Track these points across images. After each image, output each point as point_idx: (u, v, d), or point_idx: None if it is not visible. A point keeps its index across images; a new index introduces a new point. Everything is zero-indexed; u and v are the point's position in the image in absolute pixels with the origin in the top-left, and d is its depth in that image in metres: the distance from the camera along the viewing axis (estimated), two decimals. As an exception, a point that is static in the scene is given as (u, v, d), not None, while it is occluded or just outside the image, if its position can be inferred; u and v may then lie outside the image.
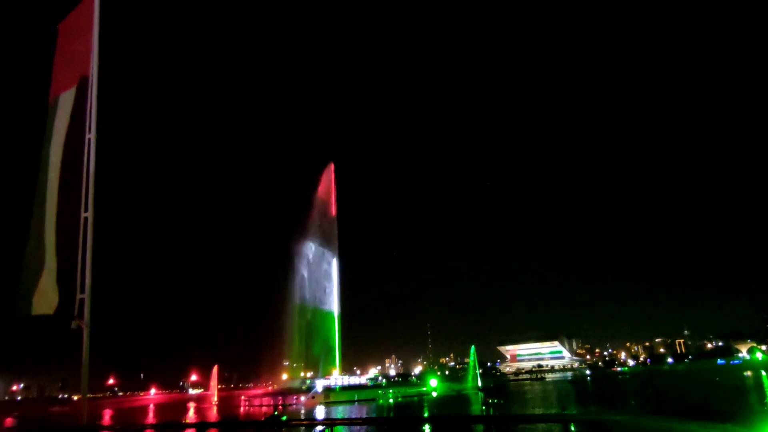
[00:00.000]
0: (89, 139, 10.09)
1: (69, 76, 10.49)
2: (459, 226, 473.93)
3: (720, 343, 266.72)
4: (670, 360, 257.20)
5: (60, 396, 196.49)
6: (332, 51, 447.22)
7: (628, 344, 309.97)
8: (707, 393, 67.06)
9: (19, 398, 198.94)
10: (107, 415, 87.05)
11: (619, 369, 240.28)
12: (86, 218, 9.73)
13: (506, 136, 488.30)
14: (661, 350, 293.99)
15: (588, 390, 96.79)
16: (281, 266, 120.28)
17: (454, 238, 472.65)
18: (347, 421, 24.77)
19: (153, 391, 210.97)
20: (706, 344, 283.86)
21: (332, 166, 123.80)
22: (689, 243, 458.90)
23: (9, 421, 77.86)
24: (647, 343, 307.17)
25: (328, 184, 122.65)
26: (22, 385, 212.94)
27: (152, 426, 22.90)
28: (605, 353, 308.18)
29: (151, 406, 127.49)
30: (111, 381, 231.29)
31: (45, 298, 9.40)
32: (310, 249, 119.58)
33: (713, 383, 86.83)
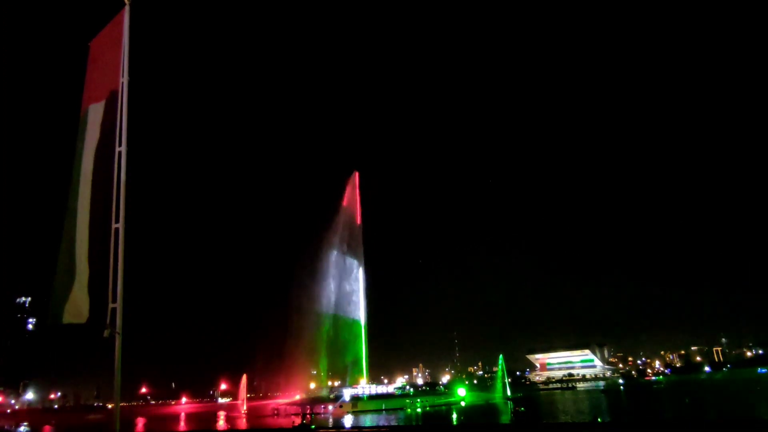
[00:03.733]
0: (120, 152, 10.35)
1: (99, 91, 10.85)
2: (487, 233, 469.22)
3: (760, 351, 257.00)
4: (707, 368, 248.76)
5: (95, 404, 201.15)
6: (357, 62, 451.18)
7: (662, 352, 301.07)
8: (750, 402, 64.64)
9: (56, 406, 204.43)
10: (140, 423, 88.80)
11: (653, 378, 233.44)
12: (117, 229, 9.97)
13: (534, 144, 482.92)
14: (698, 358, 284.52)
15: (622, 400, 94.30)
16: (308, 275, 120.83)
17: (481, 245, 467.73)
18: (375, 429, 24.71)
19: (184, 399, 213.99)
20: (745, 352, 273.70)
21: (356, 175, 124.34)
22: (725, 247, 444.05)
23: (47, 429, 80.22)
24: (682, 352, 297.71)
25: (352, 192, 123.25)
26: (59, 394, 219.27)
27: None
28: (639, 362, 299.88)
29: (183, 414, 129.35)
30: (144, 390, 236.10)
31: (76, 308, 9.61)
32: (336, 258, 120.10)
33: (755, 392, 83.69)
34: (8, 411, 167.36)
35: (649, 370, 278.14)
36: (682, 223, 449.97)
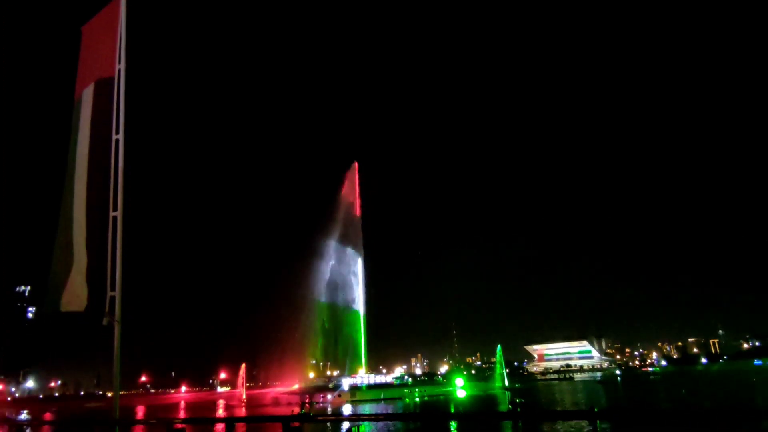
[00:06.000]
0: (117, 140, 10.19)
1: (93, 77, 10.65)
2: (486, 225, 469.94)
3: (757, 343, 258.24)
4: (704, 360, 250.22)
5: (97, 392, 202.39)
6: (358, 53, 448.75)
7: (659, 344, 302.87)
8: (744, 393, 65.03)
9: (56, 394, 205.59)
10: (140, 411, 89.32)
11: (650, 369, 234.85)
12: (115, 217, 9.84)
13: (534, 136, 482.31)
14: (695, 350, 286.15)
15: (618, 390, 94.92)
16: (307, 265, 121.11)
17: (481, 237, 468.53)
18: (373, 417, 24.85)
19: (183, 388, 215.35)
20: (742, 344, 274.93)
21: (356, 166, 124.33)
22: (723, 239, 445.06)
23: (47, 417, 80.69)
24: (680, 343, 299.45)
25: (352, 183, 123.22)
26: (59, 382, 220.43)
27: (183, 420, 23.26)
28: (636, 353, 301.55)
29: (182, 403, 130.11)
30: (143, 378, 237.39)
31: (75, 296, 9.49)
32: (335, 248, 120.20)
33: (750, 384, 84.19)
34: (9, 399, 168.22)
35: (636, 362, 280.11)
36: (680, 216, 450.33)
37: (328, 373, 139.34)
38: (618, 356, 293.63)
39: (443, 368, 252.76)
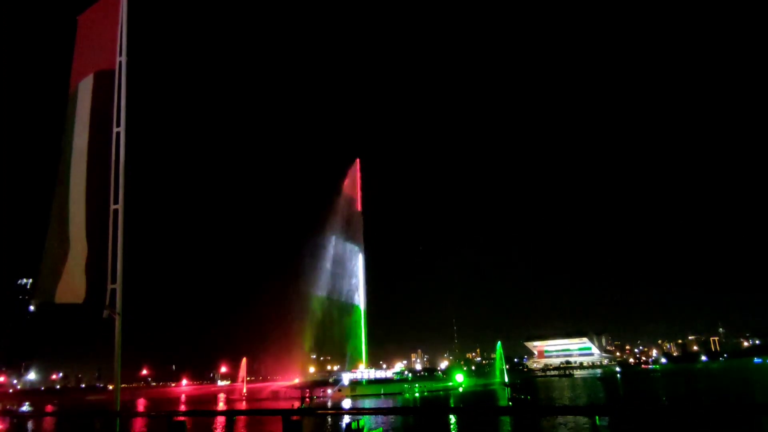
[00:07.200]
0: (117, 133, 10.07)
1: (90, 68, 10.47)
2: (487, 221, 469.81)
3: (757, 341, 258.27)
4: (704, 358, 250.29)
5: (97, 385, 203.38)
6: (363, 50, 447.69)
7: (660, 341, 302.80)
8: (743, 390, 65.14)
9: (58, 387, 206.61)
10: (141, 404, 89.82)
11: (650, 366, 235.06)
12: (116, 210, 9.71)
13: (536, 135, 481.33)
14: (695, 348, 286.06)
15: (617, 387, 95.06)
16: (308, 261, 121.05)
17: (481, 232, 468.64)
18: (373, 411, 24.90)
19: (184, 382, 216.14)
20: (742, 342, 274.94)
21: (358, 162, 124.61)
22: (723, 238, 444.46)
23: (49, 409, 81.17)
24: (680, 341, 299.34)
25: (353, 179, 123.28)
26: (60, 375, 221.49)
27: (184, 413, 23.31)
28: (636, 350, 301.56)
29: (183, 396, 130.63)
30: (144, 372, 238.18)
31: (71, 288, 9.35)
32: (336, 243, 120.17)
33: (749, 381, 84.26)
34: (10, 391, 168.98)
35: (632, 360, 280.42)
36: (681, 215, 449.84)
37: (329, 367, 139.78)
38: (618, 353, 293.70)
39: (443, 364, 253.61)
